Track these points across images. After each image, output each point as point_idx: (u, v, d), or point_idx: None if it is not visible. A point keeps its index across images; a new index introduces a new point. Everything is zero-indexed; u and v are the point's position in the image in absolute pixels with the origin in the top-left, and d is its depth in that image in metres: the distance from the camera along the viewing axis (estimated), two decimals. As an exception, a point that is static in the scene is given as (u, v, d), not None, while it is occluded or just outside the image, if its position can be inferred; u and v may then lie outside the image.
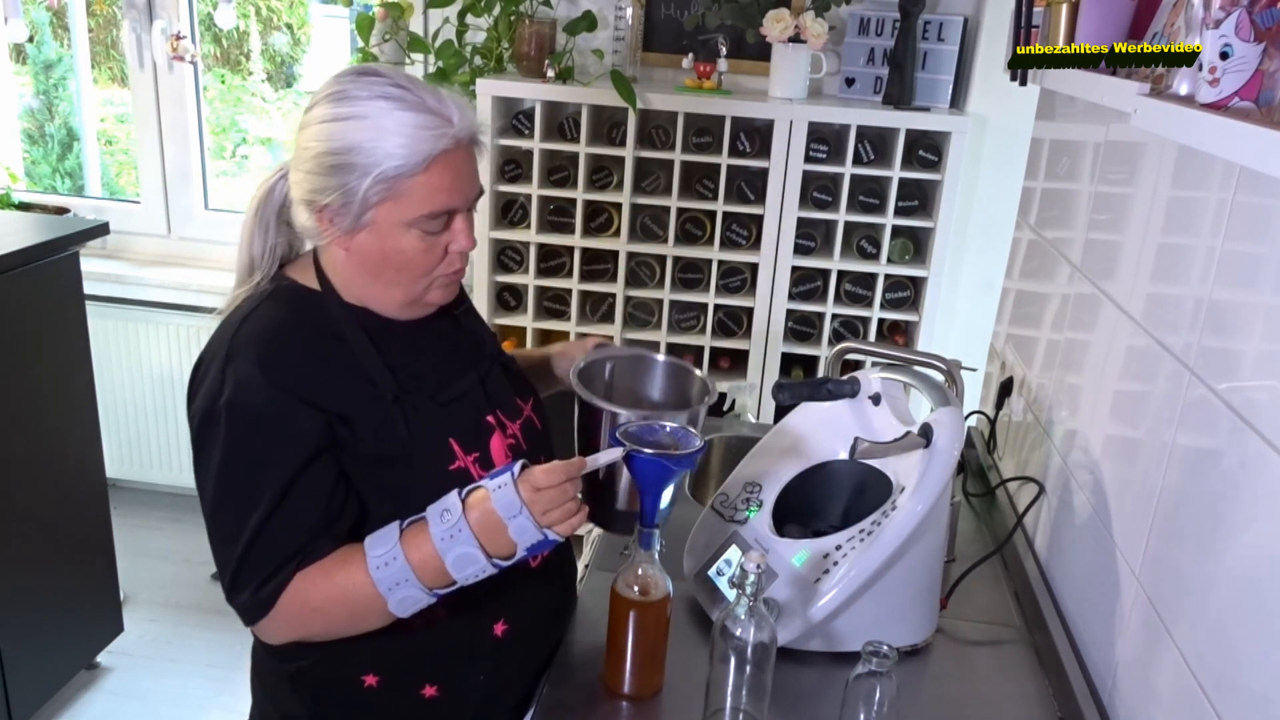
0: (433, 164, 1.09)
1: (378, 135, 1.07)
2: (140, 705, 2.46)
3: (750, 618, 1.10)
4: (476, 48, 2.63)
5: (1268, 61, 0.84)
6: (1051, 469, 1.52)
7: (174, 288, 3.09)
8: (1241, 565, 0.93)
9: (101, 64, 3.62)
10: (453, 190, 1.12)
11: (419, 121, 1.08)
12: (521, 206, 2.55)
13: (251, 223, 1.20)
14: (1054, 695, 1.28)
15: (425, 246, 1.13)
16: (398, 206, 1.10)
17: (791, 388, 1.47)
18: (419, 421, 1.16)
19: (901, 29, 2.42)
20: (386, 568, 1.07)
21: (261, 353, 1.10)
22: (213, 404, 1.09)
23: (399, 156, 1.07)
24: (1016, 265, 1.91)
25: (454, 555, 1.06)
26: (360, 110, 1.08)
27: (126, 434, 3.22)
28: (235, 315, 1.16)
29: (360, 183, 1.08)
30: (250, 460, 1.09)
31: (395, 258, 1.13)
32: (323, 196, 1.10)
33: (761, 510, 1.38)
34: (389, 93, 1.09)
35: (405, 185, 1.09)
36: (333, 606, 1.09)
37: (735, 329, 2.59)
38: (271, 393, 1.08)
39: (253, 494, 1.08)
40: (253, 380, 1.08)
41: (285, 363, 1.11)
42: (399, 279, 1.16)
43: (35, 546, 2.27)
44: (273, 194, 1.19)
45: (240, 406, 1.08)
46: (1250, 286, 0.96)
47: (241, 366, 1.09)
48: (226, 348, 1.11)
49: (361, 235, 1.12)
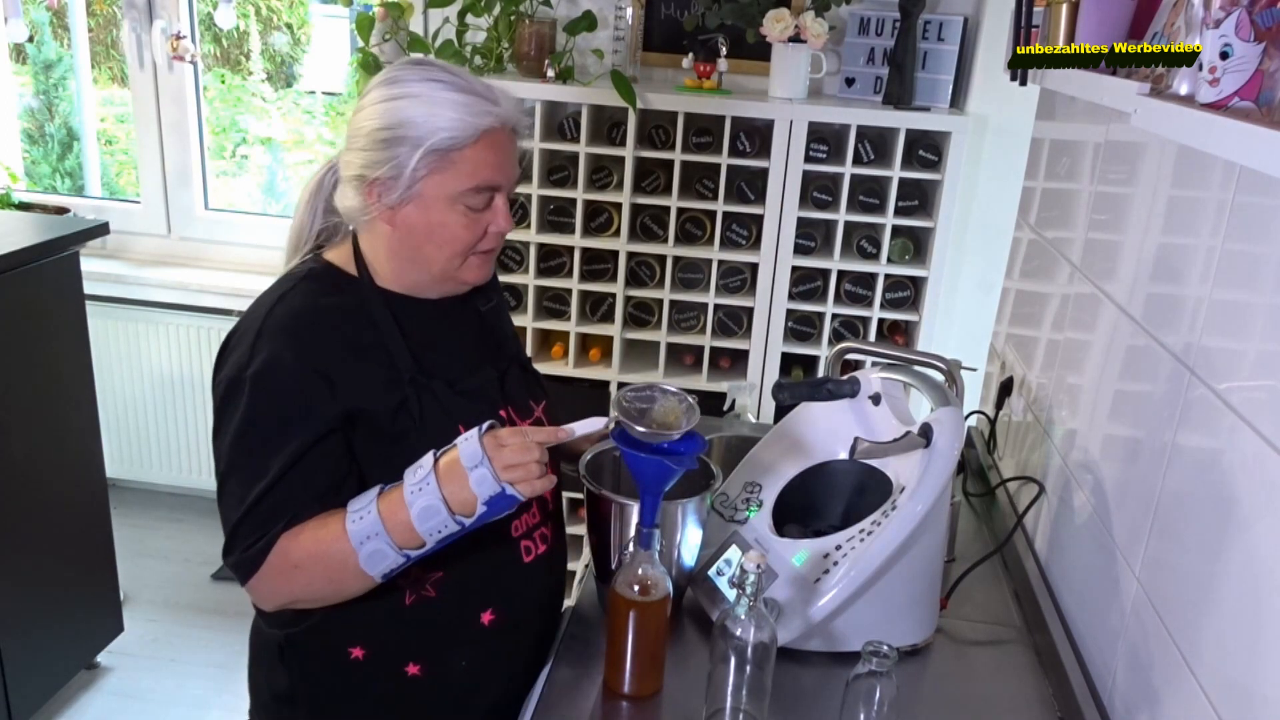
0: (481, 138, 1.16)
1: (430, 110, 1.14)
2: (140, 705, 2.46)
3: (750, 618, 1.10)
4: (476, 48, 2.63)
5: (1268, 61, 0.84)
6: (1051, 469, 1.52)
7: (174, 288, 3.08)
8: (1242, 565, 0.93)
9: (101, 64, 3.62)
10: (498, 167, 1.18)
11: (468, 101, 1.15)
12: (521, 206, 2.55)
13: (304, 208, 1.29)
14: (1054, 695, 1.28)
15: (467, 223, 1.19)
16: (445, 179, 1.16)
17: (791, 388, 1.47)
18: (433, 405, 1.20)
19: (901, 29, 2.42)
20: (360, 520, 1.11)
21: (292, 332, 1.16)
22: (239, 374, 1.14)
23: (450, 130, 1.14)
24: (1016, 265, 1.91)
25: (419, 507, 1.09)
26: (412, 90, 1.15)
27: (126, 434, 3.22)
28: (272, 293, 1.22)
29: (412, 154, 1.14)
30: (265, 431, 1.14)
31: (439, 231, 1.19)
32: (374, 170, 1.16)
33: (761, 510, 1.38)
34: (439, 76, 1.16)
35: (454, 158, 1.15)
36: (311, 562, 1.13)
37: (735, 329, 2.59)
38: (296, 372, 1.14)
39: (262, 462, 1.13)
40: (281, 358, 1.14)
41: (313, 344, 1.16)
42: (439, 254, 1.21)
43: (35, 546, 2.27)
44: (322, 185, 1.28)
45: (265, 380, 1.13)
46: (1250, 286, 0.96)
47: (272, 343, 1.15)
48: (260, 324, 1.16)
49: (408, 208, 1.18)
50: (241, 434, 1.14)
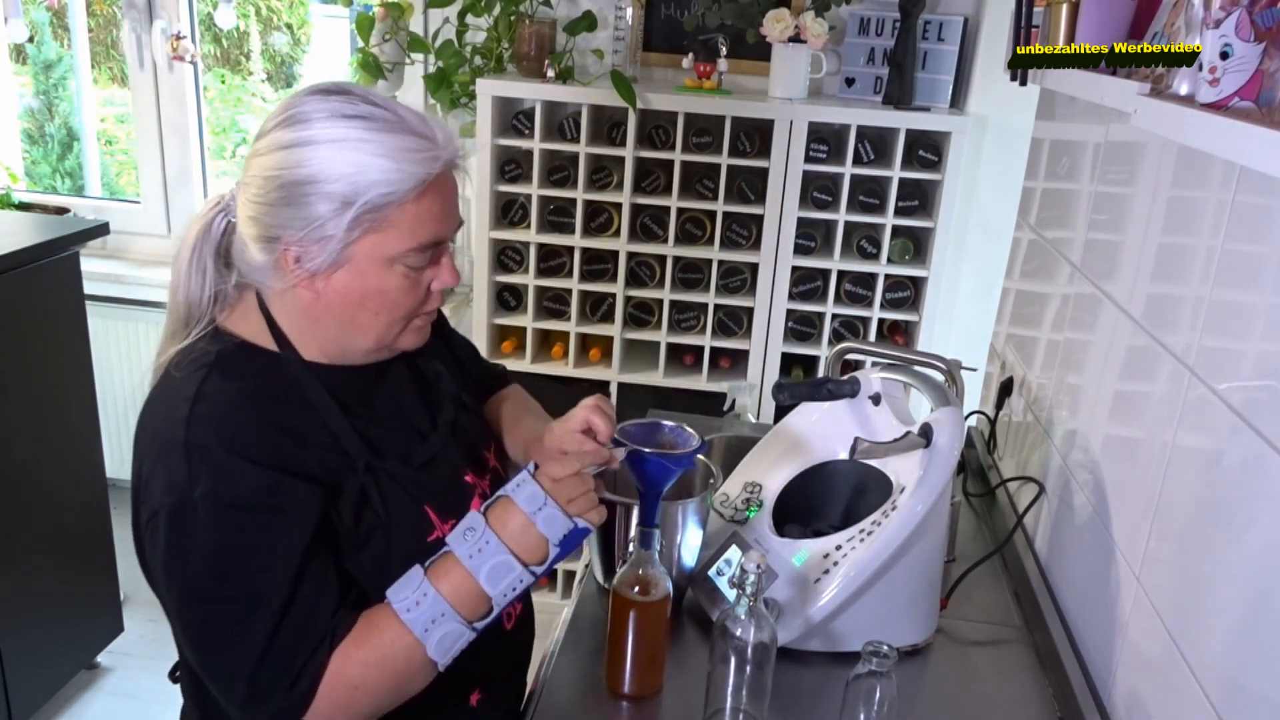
0: (425, 191, 0.98)
1: (357, 158, 0.95)
2: (140, 705, 2.46)
3: (750, 618, 1.10)
4: (476, 48, 2.63)
5: (1268, 61, 0.84)
6: (1051, 469, 1.52)
7: (174, 288, 3.08)
8: (1242, 565, 0.93)
9: (101, 64, 3.62)
10: (442, 218, 1.01)
11: (405, 144, 0.96)
12: (521, 206, 2.55)
13: (188, 264, 1.05)
14: (1054, 695, 1.28)
15: (409, 285, 1.02)
16: (383, 240, 0.98)
17: (791, 388, 1.47)
18: (394, 490, 1.06)
19: (901, 29, 2.42)
20: (418, 607, 0.98)
21: (232, 433, 0.96)
22: (184, 498, 0.94)
23: (387, 184, 0.95)
24: (1016, 265, 1.91)
25: (487, 569, 0.99)
26: (331, 133, 0.95)
27: (126, 434, 3.20)
28: (176, 393, 0.99)
29: (338, 215, 0.95)
30: (248, 551, 0.96)
31: (375, 299, 1.01)
32: (287, 231, 0.97)
33: (761, 510, 1.38)
34: (366, 111, 0.97)
35: (391, 215, 0.97)
36: (372, 675, 0.98)
37: (735, 329, 2.59)
38: (258, 473, 0.96)
39: (260, 587, 0.96)
40: (231, 465, 0.95)
41: (258, 438, 0.97)
42: (375, 323, 1.03)
43: (35, 546, 2.27)
44: (211, 230, 1.05)
45: (225, 495, 0.95)
46: (1250, 286, 0.96)
47: (212, 452, 0.95)
48: (183, 432, 0.95)
49: (338, 274, 0.99)
50: (217, 563, 0.95)
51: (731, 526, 1.38)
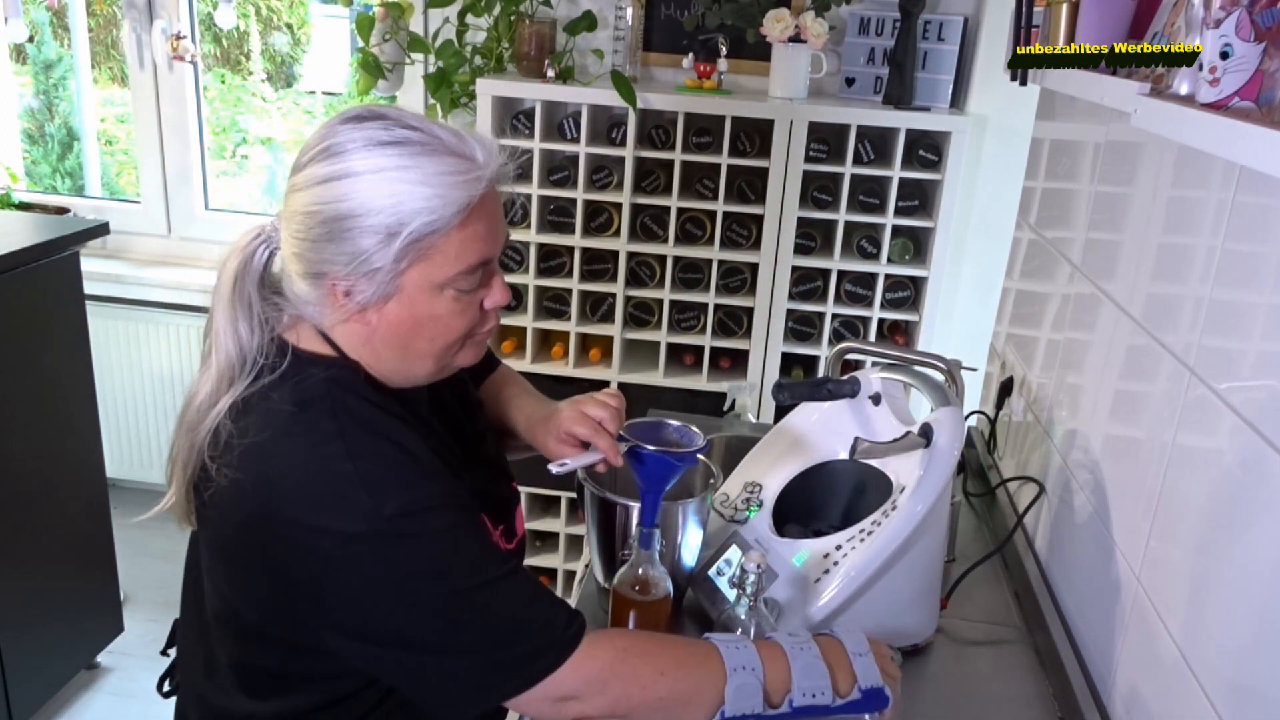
0: (469, 214, 0.95)
1: (397, 188, 0.92)
2: (140, 705, 2.46)
3: (750, 618, 1.10)
4: (476, 48, 2.63)
5: (1268, 61, 0.84)
6: (1051, 469, 1.52)
7: (174, 288, 3.09)
8: (1242, 565, 0.93)
9: (101, 64, 3.62)
10: (488, 238, 0.99)
11: (444, 167, 0.94)
12: (521, 206, 2.55)
13: (230, 299, 1.00)
14: (1054, 695, 1.28)
15: (461, 308, 1.00)
16: (430, 267, 0.96)
17: (791, 388, 1.47)
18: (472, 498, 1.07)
19: (901, 29, 2.42)
20: (737, 649, 0.99)
21: (391, 450, 0.97)
22: (373, 525, 0.92)
23: (430, 211, 0.93)
24: (1016, 265, 1.91)
25: (803, 663, 0.99)
26: (369, 163, 0.93)
27: (126, 434, 3.22)
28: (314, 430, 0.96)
29: (384, 247, 0.93)
30: (464, 543, 0.97)
31: (428, 326, 0.99)
32: (335, 267, 0.95)
33: (761, 510, 1.38)
34: (401, 136, 0.94)
35: (437, 242, 0.95)
36: (672, 667, 0.98)
37: (735, 329, 2.59)
38: (427, 482, 0.98)
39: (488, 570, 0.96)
40: (407, 481, 0.96)
41: (412, 458, 0.98)
42: (431, 349, 1.02)
43: (35, 546, 2.27)
44: (252, 262, 1.01)
45: (416, 505, 0.94)
46: (1250, 286, 0.96)
47: (385, 474, 0.95)
48: (350, 465, 0.94)
49: (389, 306, 0.98)
50: (436, 564, 0.94)
51: (731, 526, 1.38)
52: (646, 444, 1.16)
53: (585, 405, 1.17)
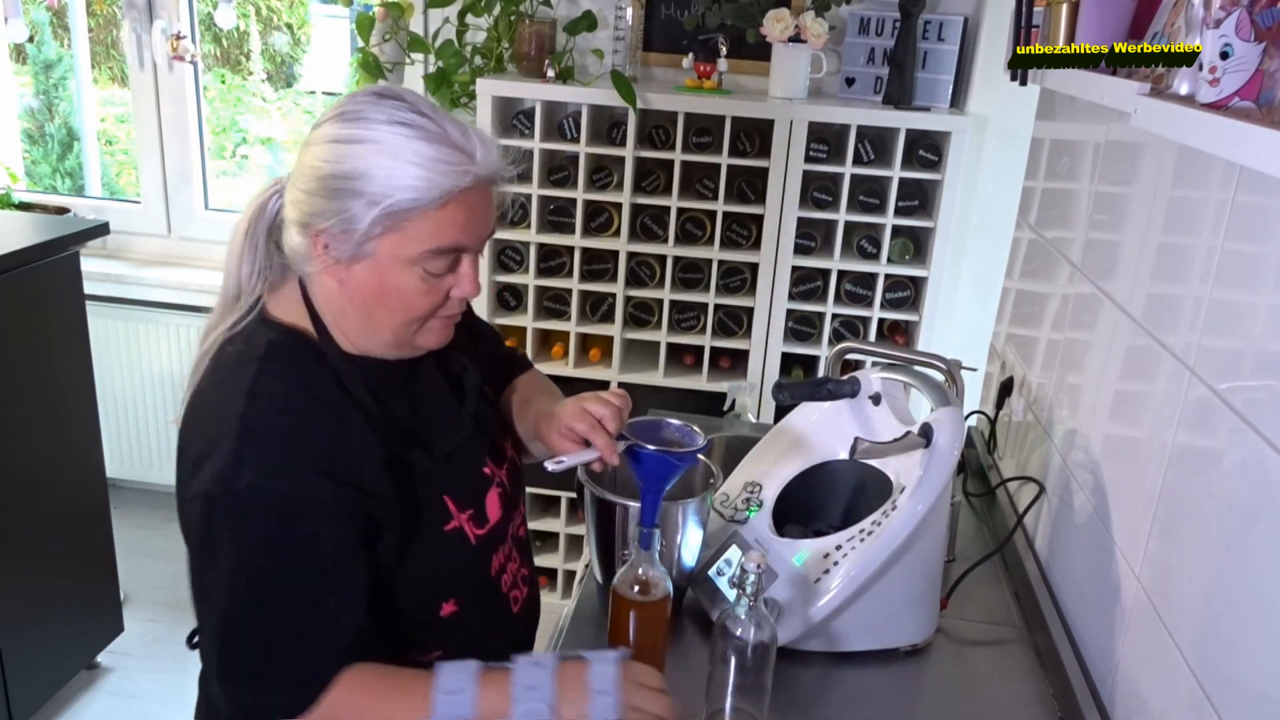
0: (449, 201, 1.01)
1: (392, 163, 0.99)
2: (140, 705, 2.46)
3: (750, 618, 1.10)
4: (476, 48, 2.63)
5: (1268, 61, 0.84)
6: (1051, 469, 1.52)
7: (174, 288, 3.09)
8: (1242, 565, 0.93)
9: (101, 64, 3.62)
10: (465, 228, 1.04)
11: (439, 155, 1.00)
12: (521, 206, 2.55)
13: (241, 242, 1.11)
14: (1054, 695, 1.28)
15: (426, 288, 1.05)
16: (402, 240, 1.02)
17: (791, 388, 1.47)
18: (419, 480, 1.10)
19: (901, 29, 2.42)
20: (452, 698, 0.99)
21: (283, 429, 1.02)
22: (228, 488, 0.99)
23: (414, 189, 0.99)
24: (1016, 265, 1.91)
25: (523, 708, 0.99)
26: (376, 134, 1.00)
27: (126, 434, 3.22)
28: (233, 382, 1.05)
29: (366, 211, 1.00)
30: (283, 550, 1.00)
31: (392, 296, 1.05)
32: (321, 220, 1.02)
33: (761, 510, 1.38)
34: (410, 119, 1.01)
35: (414, 218, 1.01)
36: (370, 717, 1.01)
37: (735, 329, 2.59)
38: (302, 474, 1.01)
39: (288, 588, 1.00)
40: (280, 462, 1.01)
41: (309, 440, 1.03)
42: (390, 320, 1.07)
43: (35, 546, 2.27)
44: (265, 210, 1.11)
45: (268, 491, 1.00)
46: (1250, 286, 0.97)
47: (264, 446, 1.01)
48: (238, 425, 1.01)
49: (359, 267, 1.04)
50: (249, 557, 1.00)
51: (731, 526, 1.38)
52: (646, 444, 1.16)
53: (588, 402, 1.19)
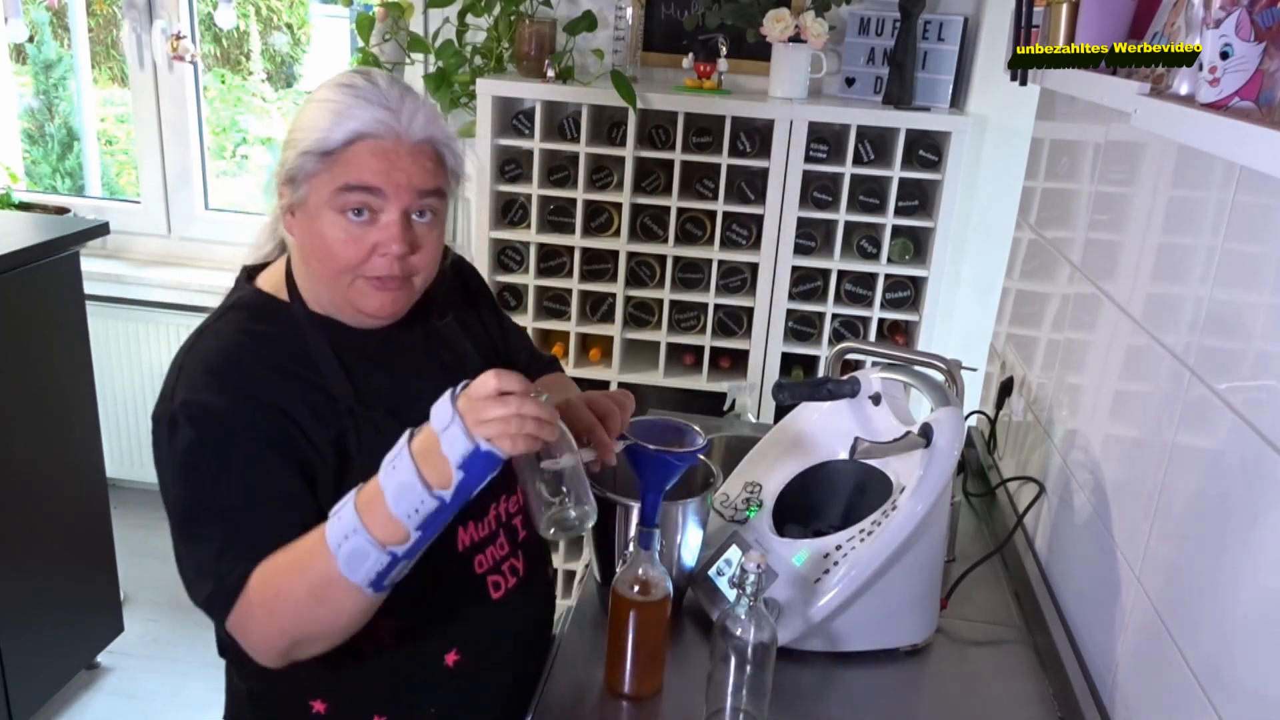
0: (358, 143, 1.08)
1: (318, 111, 1.09)
2: (140, 705, 2.46)
3: (750, 618, 1.10)
4: (476, 48, 2.63)
5: (1268, 61, 0.84)
6: (1051, 469, 1.52)
7: (174, 288, 3.08)
8: (1242, 565, 0.93)
9: (101, 64, 3.61)
10: (379, 172, 1.08)
11: (357, 105, 1.09)
12: (521, 206, 2.55)
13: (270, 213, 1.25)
14: (1054, 695, 1.28)
15: (346, 237, 1.10)
16: (320, 181, 1.09)
17: (791, 388, 1.47)
18: (374, 436, 1.10)
19: (901, 29, 2.42)
20: (337, 519, 0.99)
21: (211, 367, 1.11)
22: (165, 408, 1.10)
23: (322, 129, 1.08)
24: (1016, 265, 1.91)
25: (394, 486, 0.97)
26: (320, 94, 1.11)
27: (126, 434, 3.22)
28: (199, 327, 1.18)
29: (300, 159, 1.09)
30: (212, 456, 1.08)
31: (320, 244, 1.11)
32: (279, 177, 1.14)
33: (761, 510, 1.38)
34: (353, 81, 1.11)
35: (330, 160, 1.08)
36: (291, 582, 1.02)
37: (735, 329, 2.59)
38: (225, 394, 1.09)
39: (215, 494, 1.07)
40: (204, 383, 1.09)
41: (236, 370, 1.11)
42: (323, 271, 1.13)
43: (35, 546, 2.27)
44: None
45: (192, 405, 1.08)
46: (1250, 286, 0.97)
47: (190, 379, 1.10)
48: (181, 357, 1.13)
49: (301, 216, 1.12)
50: (182, 467, 1.08)
51: (731, 526, 1.38)
52: (647, 444, 1.16)
53: (592, 399, 1.20)
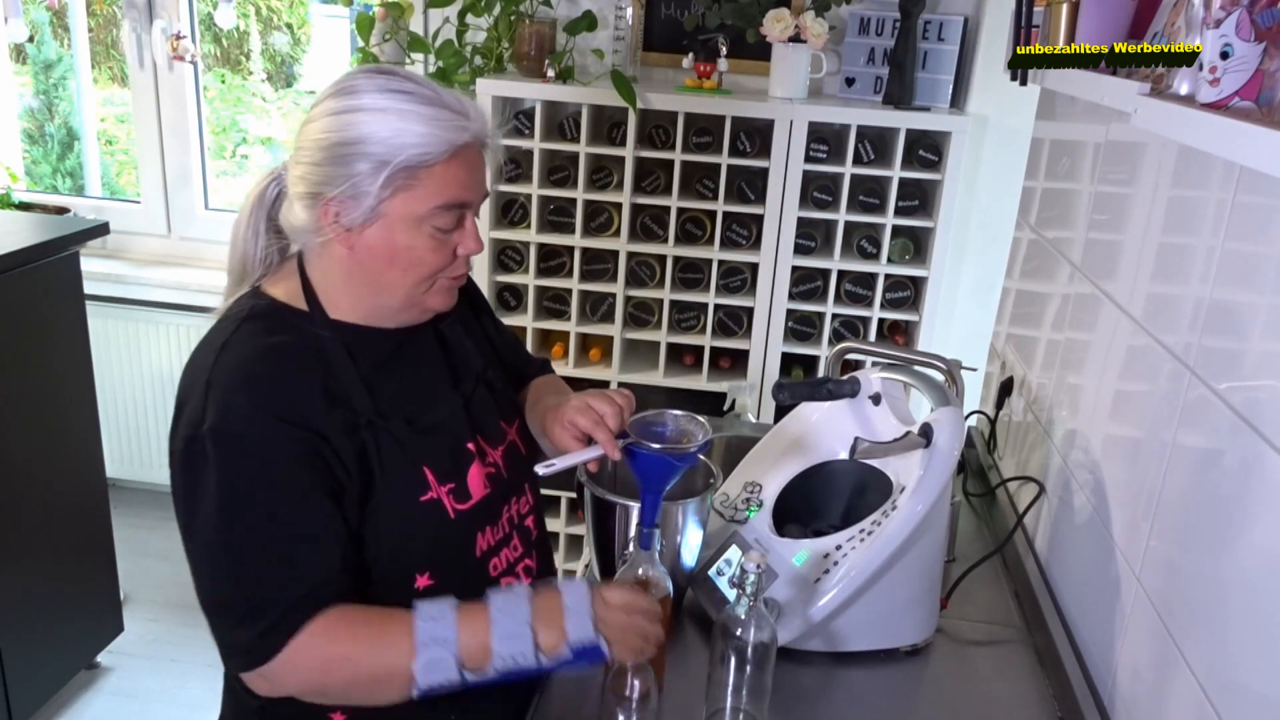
0: (454, 155, 1.07)
1: (394, 125, 1.05)
2: (140, 705, 2.46)
3: (750, 618, 1.10)
4: (476, 48, 2.63)
5: (1268, 61, 0.84)
6: (1051, 469, 1.52)
7: (174, 288, 3.09)
8: (1242, 564, 0.93)
9: (101, 64, 3.62)
10: (468, 185, 1.10)
11: (437, 114, 1.07)
12: (521, 206, 2.55)
13: (245, 226, 1.17)
14: (1054, 695, 1.28)
15: (435, 245, 1.10)
16: (411, 199, 1.07)
17: (791, 388, 1.47)
18: (394, 448, 1.12)
19: (901, 29, 2.42)
20: (433, 622, 1.03)
21: (243, 377, 1.07)
22: (195, 431, 1.04)
23: (420, 145, 1.05)
24: (1016, 265, 1.91)
25: (504, 628, 1.04)
26: (375, 102, 1.06)
27: (126, 434, 3.22)
28: (213, 340, 1.12)
29: (376, 173, 1.05)
30: (249, 488, 1.05)
31: (404, 255, 1.10)
32: (331, 188, 1.06)
33: (761, 510, 1.38)
34: (403, 87, 1.07)
35: (422, 176, 1.06)
36: (360, 652, 1.04)
37: (735, 329, 2.59)
38: (258, 418, 1.05)
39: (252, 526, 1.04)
40: (236, 406, 1.05)
41: (268, 387, 1.07)
42: (403, 280, 1.12)
43: (35, 546, 2.27)
44: (264, 197, 1.17)
45: (226, 433, 1.04)
46: (1250, 286, 0.97)
47: (224, 393, 1.05)
48: (206, 375, 1.07)
49: (370, 230, 1.08)
50: (218, 495, 1.04)
51: (731, 526, 1.38)
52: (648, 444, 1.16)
53: (592, 398, 1.21)
